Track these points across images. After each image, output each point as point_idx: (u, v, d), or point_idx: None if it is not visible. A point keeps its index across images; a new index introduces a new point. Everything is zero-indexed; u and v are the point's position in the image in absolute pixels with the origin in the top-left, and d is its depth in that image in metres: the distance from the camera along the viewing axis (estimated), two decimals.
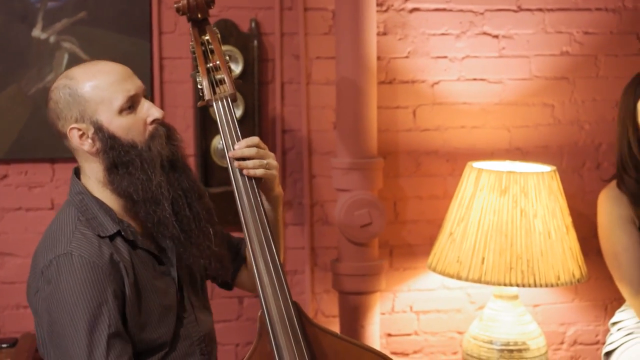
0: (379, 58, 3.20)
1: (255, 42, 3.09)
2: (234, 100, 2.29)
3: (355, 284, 3.09)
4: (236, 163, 2.18)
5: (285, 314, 2.14)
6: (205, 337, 2.22)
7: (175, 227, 2.10)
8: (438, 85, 3.28)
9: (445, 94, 3.29)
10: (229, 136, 2.24)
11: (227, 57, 2.36)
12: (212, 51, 2.34)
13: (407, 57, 3.25)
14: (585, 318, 3.48)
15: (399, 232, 3.31)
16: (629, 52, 3.40)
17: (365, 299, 3.10)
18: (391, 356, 3.29)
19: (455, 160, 3.29)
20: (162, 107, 3.06)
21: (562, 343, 3.47)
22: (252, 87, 3.10)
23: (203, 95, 2.30)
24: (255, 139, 2.21)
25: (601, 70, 3.39)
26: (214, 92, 2.29)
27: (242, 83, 3.06)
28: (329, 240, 3.23)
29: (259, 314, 2.17)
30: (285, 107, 3.18)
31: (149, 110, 2.14)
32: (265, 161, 2.20)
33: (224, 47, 3.01)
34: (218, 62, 2.32)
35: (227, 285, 2.46)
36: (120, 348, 2.00)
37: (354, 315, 3.10)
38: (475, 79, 3.31)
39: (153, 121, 2.13)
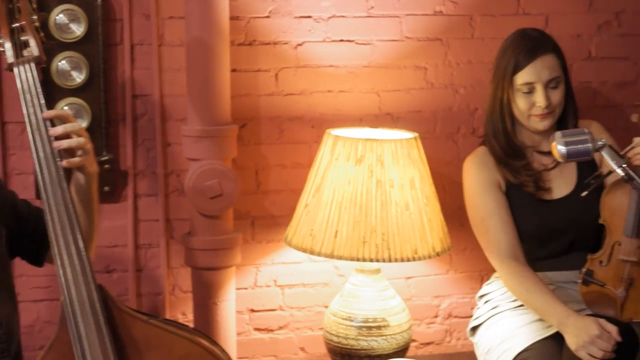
0: (237, 18, 3.01)
1: (100, 0, 2.87)
2: (39, 64, 2.13)
3: (207, 259, 2.91)
4: (56, 143, 2.06)
5: (86, 299, 1.99)
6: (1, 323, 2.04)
7: None
8: (302, 46, 3.10)
9: (310, 56, 3.10)
10: (31, 105, 2.10)
11: (35, 17, 2.18)
12: (19, 10, 2.16)
13: (268, 16, 3.05)
14: (461, 290, 3.35)
15: (261, 202, 3.14)
16: (506, 12, 3.24)
17: (219, 274, 2.93)
18: (254, 333, 3.17)
19: (320, 127, 3.10)
20: None
21: (436, 316, 3.35)
22: (96, 49, 2.89)
23: (7, 59, 2.13)
24: (70, 116, 2.07)
25: (477, 31, 3.23)
26: (17, 55, 2.12)
27: (85, 45, 2.87)
28: (186, 212, 3.04)
29: (61, 299, 2.01)
30: (135, 70, 2.98)
31: None
32: (88, 146, 2.07)
33: (65, 6, 2.84)
34: (24, 22, 2.14)
35: (36, 262, 2.30)
36: None
37: (207, 292, 2.93)
38: (342, 40, 3.12)
39: None
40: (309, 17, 3.09)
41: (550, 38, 2.82)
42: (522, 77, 2.73)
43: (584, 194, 2.58)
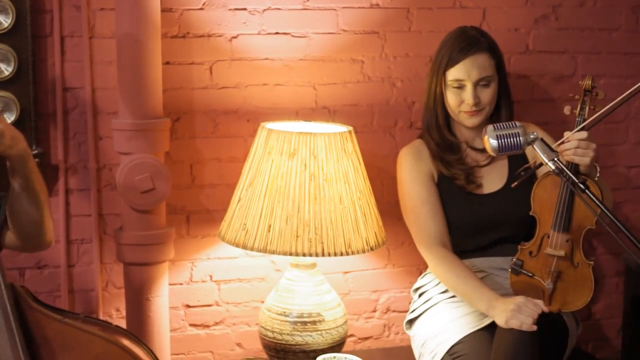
0: (170, 10, 2.96)
1: None
2: None
3: (139, 255, 2.87)
4: None
5: None
6: None
7: None
8: (237, 39, 3.06)
9: (245, 49, 3.07)
10: None
11: None
12: None
13: (201, 8, 3.01)
14: (399, 284, 3.34)
15: (197, 197, 3.09)
16: (443, 5, 3.23)
17: (151, 270, 2.88)
18: (190, 328, 3.13)
19: (256, 120, 3.07)
20: None
21: (374, 311, 3.33)
22: (25, 41, 2.82)
23: None
24: None
25: (414, 25, 3.21)
26: None
27: (13, 36, 2.80)
28: (119, 207, 2.99)
29: None
30: (66, 62, 2.92)
31: None
32: None
33: None
34: None
35: None
36: None
37: (139, 288, 2.89)
38: (277, 33, 3.09)
39: None
40: (244, 9, 3.05)
41: (487, 38, 2.83)
42: (453, 74, 2.78)
43: (514, 184, 2.60)
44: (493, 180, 2.86)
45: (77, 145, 2.96)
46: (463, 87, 2.76)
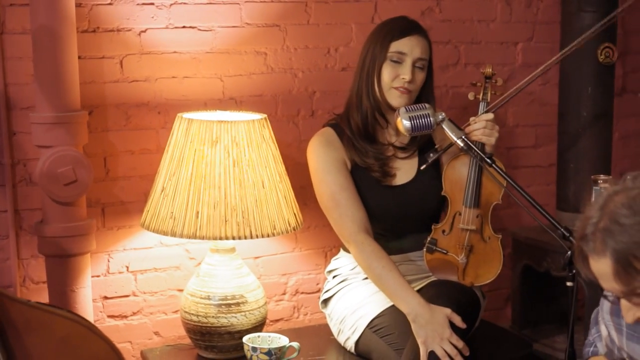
0: (79, 5, 2.99)
1: None
2: None
3: (62, 246, 2.88)
4: None
5: None
6: None
7: None
8: (145, 33, 3.12)
9: (154, 42, 3.13)
10: None
11: None
12: None
13: (110, 3, 3.05)
14: (306, 267, 3.47)
15: (111, 189, 3.13)
16: None
17: (75, 261, 2.91)
18: (108, 320, 3.16)
19: (167, 112, 3.15)
20: None
21: (284, 294, 3.45)
22: None
23: None
24: None
25: (312, 17, 3.36)
26: None
27: None
28: (35, 202, 3.00)
29: None
30: None
31: None
32: None
33: None
34: None
35: None
36: None
37: (62, 280, 2.90)
38: (184, 27, 3.17)
39: None
40: (152, 3, 3.11)
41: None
42: (397, 46, 2.83)
43: (423, 167, 2.77)
44: (405, 171, 2.95)
45: None
46: (402, 62, 2.82)
